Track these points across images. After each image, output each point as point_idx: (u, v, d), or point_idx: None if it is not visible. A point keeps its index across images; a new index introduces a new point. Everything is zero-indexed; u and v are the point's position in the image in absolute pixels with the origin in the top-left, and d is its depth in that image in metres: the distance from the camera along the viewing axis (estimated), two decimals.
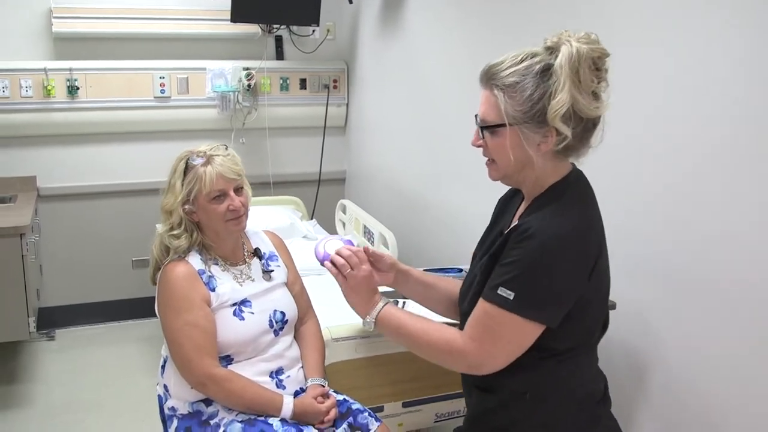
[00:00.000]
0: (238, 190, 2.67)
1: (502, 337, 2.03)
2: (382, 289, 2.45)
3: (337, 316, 2.92)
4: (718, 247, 2.37)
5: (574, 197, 2.07)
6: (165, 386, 2.71)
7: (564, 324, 2.05)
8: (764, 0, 2.19)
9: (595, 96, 2.01)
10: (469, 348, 2.06)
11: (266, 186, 5.69)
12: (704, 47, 2.38)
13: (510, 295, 2.00)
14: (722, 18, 2.32)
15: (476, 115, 2.09)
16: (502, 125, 2.03)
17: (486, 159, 2.13)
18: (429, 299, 2.48)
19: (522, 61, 2.02)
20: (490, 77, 2.04)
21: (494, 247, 2.15)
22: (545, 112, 1.99)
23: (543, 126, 2.02)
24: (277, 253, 2.86)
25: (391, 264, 2.43)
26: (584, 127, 2.02)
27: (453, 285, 2.45)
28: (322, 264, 2.32)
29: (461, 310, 2.24)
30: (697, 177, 2.44)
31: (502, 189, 2.31)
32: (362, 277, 2.26)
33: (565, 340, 2.09)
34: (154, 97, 5.32)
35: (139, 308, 5.59)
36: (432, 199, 4.38)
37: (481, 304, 2.08)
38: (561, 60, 1.97)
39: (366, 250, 2.33)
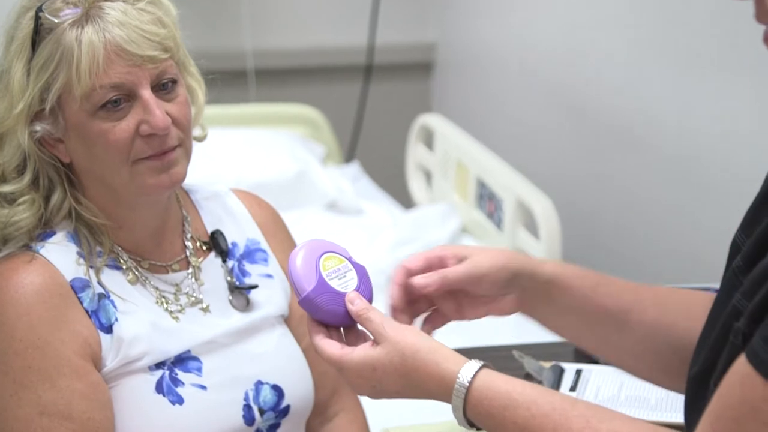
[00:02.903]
0: (166, 85, 1.86)
1: None
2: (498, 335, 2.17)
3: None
4: None
5: None
6: None
7: None
8: None
9: None
10: None
11: (239, 78, 4.41)
12: None
13: None
14: None
15: None
16: None
17: None
18: (625, 347, 1.79)
19: None
20: None
21: None
22: None
23: None
24: (266, 246, 2.11)
25: (499, 273, 1.65)
26: None
27: (686, 312, 1.76)
28: (304, 300, 1.60)
29: (691, 375, 1.61)
30: None
31: None
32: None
33: None
34: None
35: None
36: (661, 127, 3.31)
37: (742, 374, 1.33)
38: None
39: (434, 257, 1.68)
